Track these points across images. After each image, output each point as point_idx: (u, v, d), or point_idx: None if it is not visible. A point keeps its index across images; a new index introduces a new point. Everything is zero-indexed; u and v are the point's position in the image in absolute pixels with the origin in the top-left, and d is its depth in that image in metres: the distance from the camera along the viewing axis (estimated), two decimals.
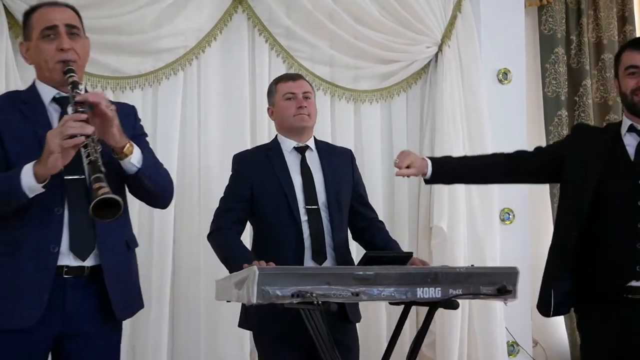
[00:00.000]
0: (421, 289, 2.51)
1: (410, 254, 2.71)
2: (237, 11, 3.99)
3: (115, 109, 2.29)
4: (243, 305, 2.96)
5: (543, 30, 4.66)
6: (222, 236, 3.02)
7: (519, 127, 4.52)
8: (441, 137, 4.22)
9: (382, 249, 3.08)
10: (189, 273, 3.82)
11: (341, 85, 4.16)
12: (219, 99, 3.95)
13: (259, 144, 3.88)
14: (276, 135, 3.22)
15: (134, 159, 2.33)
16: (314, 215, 3.00)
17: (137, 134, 2.52)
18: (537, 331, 4.55)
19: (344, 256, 3.03)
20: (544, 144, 4.54)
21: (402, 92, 4.34)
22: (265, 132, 3.96)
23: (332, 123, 4.17)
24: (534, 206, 4.60)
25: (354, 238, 3.22)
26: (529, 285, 3.81)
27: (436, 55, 4.37)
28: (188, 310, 3.80)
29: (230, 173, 3.19)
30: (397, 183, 4.27)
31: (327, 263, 2.97)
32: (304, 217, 2.99)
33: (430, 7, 4.31)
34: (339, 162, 3.19)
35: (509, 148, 4.34)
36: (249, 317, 2.98)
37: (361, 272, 2.43)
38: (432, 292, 2.52)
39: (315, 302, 2.32)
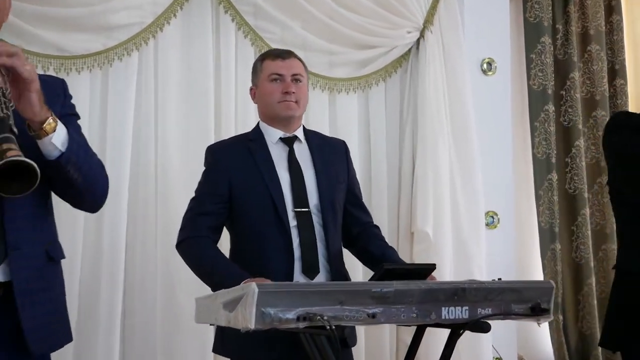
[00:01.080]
0: (446, 308, 2.14)
1: (433, 266, 2.31)
2: None
3: (33, 67, 1.78)
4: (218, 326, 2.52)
5: (528, 17, 4.35)
6: (197, 246, 2.57)
7: (504, 123, 4.21)
8: (424, 133, 3.86)
9: (378, 258, 2.69)
10: (144, 287, 3.35)
11: (315, 72, 3.75)
12: (179, 86, 3.52)
13: (223, 137, 3.46)
14: (258, 123, 2.78)
15: (57, 139, 1.83)
16: (304, 219, 2.58)
17: (66, 113, 2.02)
18: (522, 347, 4.24)
19: (339, 269, 2.63)
20: (529, 142, 4.27)
21: (381, 82, 3.97)
22: (231, 124, 3.56)
23: (304, 114, 3.74)
24: (520, 209, 4.29)
25: (344, 245, 2.79)
26: None
27: (417, 42, 4.00)
28: (143, 329, 3.33)
29: (204, 168, 2.74)
30: (375, 184, 3.90)
31: (320, 277, 2.57)
32: (292, 222, 2.57)
33: None
34: (332, 156, 2.77)
35: (494, 145, 4.10)
36: (227, 341, 2.54)
37: (379, 289, 2.03)
38: (458, 313, 2.15)
39: (328, 327, 1.92)
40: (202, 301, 2.22)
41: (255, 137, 2.72)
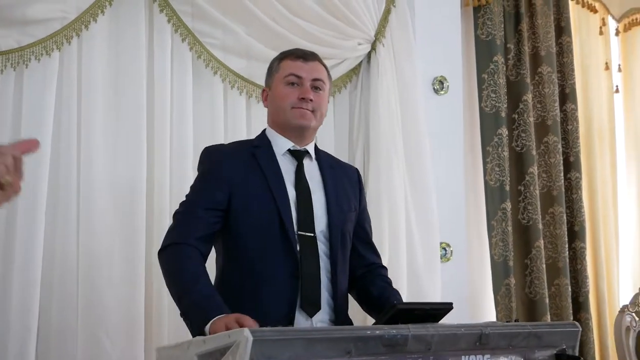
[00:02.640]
0: (467, 356, 1.82)
1: (450, 305, 2.00)
2: None
3: None
4: None
5: (480, 34, 4.15)
6: (179, 256, 2.22)
7: (456, 147, 3.97)
8: (377, 157, 3.58)
9: (376, 300, 2.41)
10: (63, 327, 2.89)
11: (259, 83, 3.39)
12: (107, 93, 3.09)
13: (157, 152, 3.09)
14: (264, 130, 2.48)
15: None
16: (308, 245, 2.27)
17: None
18: None
19: (343, 309, 2.30)
20: (480, 167, 4.05)
21: (330, 97, 3.64)
22: (166, 140, 3.15)
23: (247, 131, 3.40)
24: (471, 241, 4.05)
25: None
26: None
27: (369, 55, 3.72)
28: None
29: (199, 172, 2.43)
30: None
31: (321, 315, 2.25)
32: (296, 247, 2.26)
33: None
34: (344, 181, 2.49)
35: (445, 171, 3.85)
36: None
37: (395, 332, 1.70)
38: None
39: None
40: (167, 352, 1.82)
41: (261, 144, 2.41)
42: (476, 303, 4.02)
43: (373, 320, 2.41)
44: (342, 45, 3.61)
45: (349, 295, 2.50)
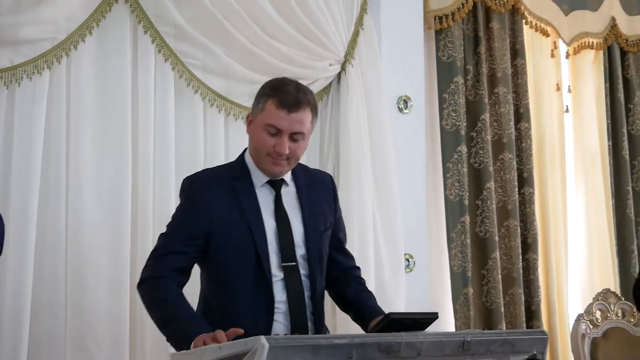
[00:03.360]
0: None
1: (436, 315, 2.22)
2: (117, 0, 3.31)
3: None
4: None
5: (441, 56, 4.39)
6: (158, 288, 2.37)
7: (419, 163, 4.22)
8: (347, 173, 3.81)
9: (351, 302, 2.64)
10: (52, 334, 3.05)
11: (237, 102, 3.60)
12: (94, 109, 3.27)
13: (141, 165, 3.25)
14: (243, 154, 2.60)
15: None
16: (291, 274, 2.45)
17: None
18: None
19: (321, 319, 2.51)
20: (441, 183, 4.30)
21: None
22: (149, 152, 3.32)
23: (225, 147, 3.59)
24: (432, 252, 4.29)
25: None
26: None
27: (338, 75, 3.94)
28: None
29: (180, 202, 2.55)
30: None
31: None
32: (278, 275, 2.42)
33: (333, 18, 3.88)
34: (320, 195, 2.65)
35: (409, 185, 4.09)
36: None
37: (390, 340, 1.91)
38: None
39: None
40: (181, 358, 2.00)
41: (240, 175, 2.53)
42: (436, 311, 4.23)
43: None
44: (315, 66, 3.81)
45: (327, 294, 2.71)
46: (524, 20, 4.79)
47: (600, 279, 4.92)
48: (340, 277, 2.68)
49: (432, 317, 2.22)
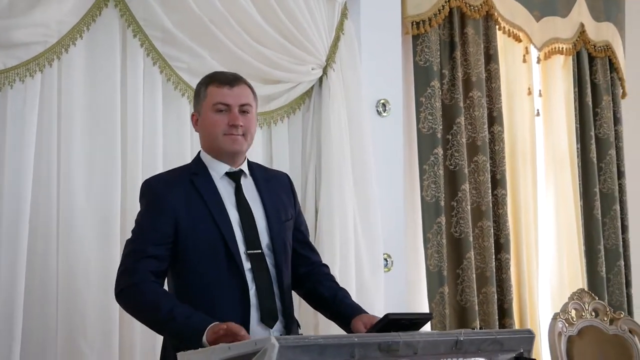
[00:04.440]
0: (445, 359, 2.16)
1: (430, 315, 2.34)
2: (107, 4, 3.37)
3: None
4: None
5: (418, 61, 4.51)
6: (146, 292, 2.42)
7: (396, 165, 4.34)
8: (328, 174, 3.90)
9: (330, 301, 2.69)
10: (43, 333, 3.11)
11: None
12: (84, 112, 3.32)
13: (130, 172, 3.33)
14: (199, 154, 2.67)
15: None
16: (258, 262, 2.50)
17: None
18: None
19: (291, 312, 2.59)
20: (418, 184, 4.41)
21: (285, 118, 3.96)
22: (139, 154, 3.39)
23: None
24: (409, 252, 4.41)
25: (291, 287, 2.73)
26: None
27: (320, 79, 4.04)
28: None
29: (142, 206, 2.60)
30: None
31: (277, 325, 2.51)
32: (246, 265, 2.48)
33: (315, 23, 3.98)
34: (278, 190, 2.72)
35: (387, 187, 4.21)
36: None
37: (389, 339, 2.02)
38: None
39: None
40: (190, 357, 2.08)
41: (198, 171, 2.60)
42: (413, 310, 4.36)
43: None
44: (298, 69, 3.91)
45: (297, 294, 2.79)
46: (497, 26, 4.93)
47: (569, 278, 5.09)
48: (309, 274, 2.73)
49: (426, 317, 2.34)
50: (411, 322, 2.23)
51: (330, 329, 3.02)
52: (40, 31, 3.15)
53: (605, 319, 3.94)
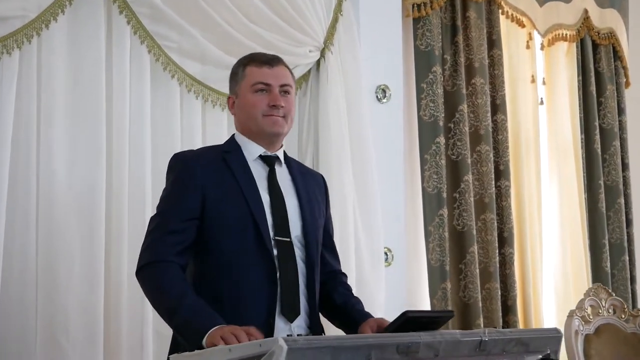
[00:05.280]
0: None
1: (451, 313, 2.12)
2: None
3: None
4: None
5: (419, 45, 4.31)
6: (161, 274, 2.22)
7: (397, 154, 4.14)
8: (327, 163, 3.70)
9: (339, 308, 2.50)
10: (21, 330, 2.88)
11: (213, 87, 3.45)
12: (66, 93, 3.10)
13: (116, 153, 3.12)
14: (233, 135, 2.50)
15: None
16: (285, 251, 2.30)
17: None
18: None
19: (316, 314, 2.38)
20: (418, 174, 4.22)
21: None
22: (125, 139, 3.18)
23: (202, 135, 3.45)
24: (409, 246, 4.21)
25: None
26: None
27: (317, 62, 3.82)
28: None
29: (169, 180, 2.41)
30: None
31: (299, 321, 2.31)
32: (273, 252, 2.29)
33: (313, 3, 3.77)
34: (314, 187, 2.54)
35: (386, 177, 4.00)
36: None
37: (408, 340, 1.81)
38: None
39: None
40: None
41: (231, 149, 2.43)
42: (413, 307, 4.16)
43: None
44: (295, 51, 3.69)
45: None
46: (500, 10, 4.75)
47: (573, 274, 4.92)
48: (327, 281, 2.55)
49: (448, 315, 2.13)
50: (431, 320, 2.02)
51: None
52: (17, 4, 2.94)
53: (623, 316, 3.74)
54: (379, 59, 4.10)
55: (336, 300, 2.51)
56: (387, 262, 3.97)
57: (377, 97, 4.08)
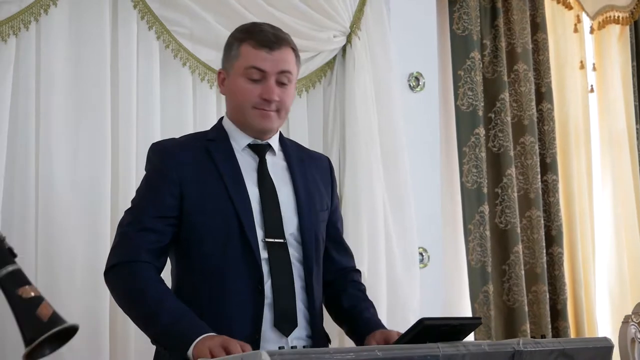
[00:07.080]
0: None
1: (479, 320, 1.88)
2: None
3: None
4: None
5: (456, 29, 4.09)
6: (134, 275, 2.04)
7: (432, 147, 3.92)
8: (354, 156, 3.50)
9: (346, 310, 2.27)
10: (19, 340, 2.70)
11: None
12: (68, 83, 2.94)
13: (122, 148, 2.98)
14: (221, 119, 2.29)
15: None
16: (278, 253, 2.09)
17: None
18: None
19: (319, 323, 2.16)
20: (456, 169, 3.99)
21: (304, 93, 3.56)
22: (132, 132, 3.01)
23: None
24: (447, 245, 3.97)
25: None
26: None
27: (343, 48, 3.61)
28: None
29: (146, 172, 2.23)
30: None
31: (298, 332, 2.08)
32: (262, 255, 2.07)
33: None
34: (315, 173, 2.31)
35: (421, 172, 3.77)
36: None
37: (424, 353, 1.58)
38: None
39: None
40: None
41: (217, 138, 2.21)
42: (452, 312, 3.94)
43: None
44: (317, 37, 3.50)
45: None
46: None
47: (631, 277, 4.66)
48: (335, 281, 2.32)
49: (474, 322, 1.89)
50: (453, 329, 1.78)
51: None
52: None
53: None
54: (412, 45, 3.88)
55: (343, 303, 2.29)
56: (422, 264, 3.76)
57: (409, 85, 3.87)
